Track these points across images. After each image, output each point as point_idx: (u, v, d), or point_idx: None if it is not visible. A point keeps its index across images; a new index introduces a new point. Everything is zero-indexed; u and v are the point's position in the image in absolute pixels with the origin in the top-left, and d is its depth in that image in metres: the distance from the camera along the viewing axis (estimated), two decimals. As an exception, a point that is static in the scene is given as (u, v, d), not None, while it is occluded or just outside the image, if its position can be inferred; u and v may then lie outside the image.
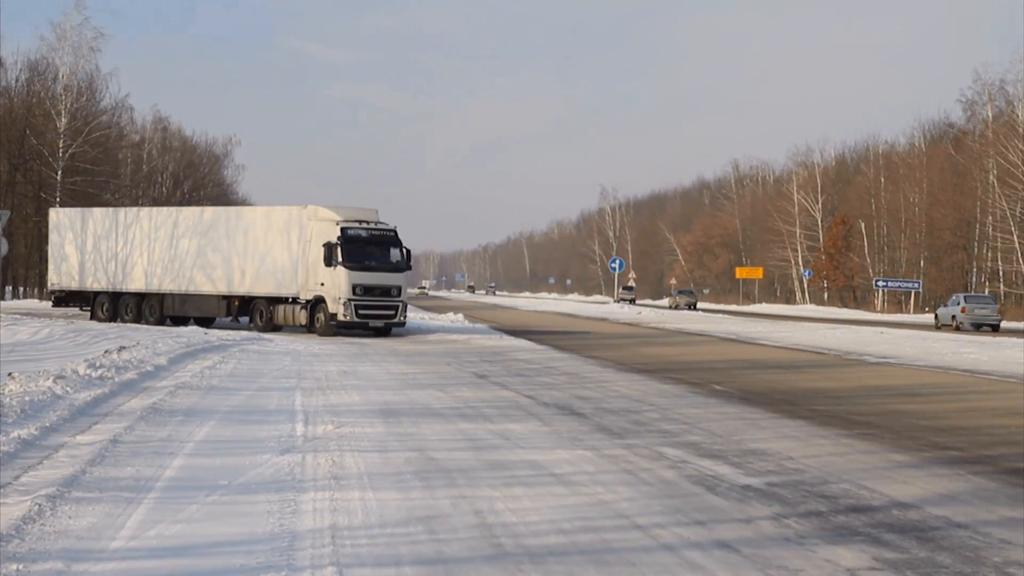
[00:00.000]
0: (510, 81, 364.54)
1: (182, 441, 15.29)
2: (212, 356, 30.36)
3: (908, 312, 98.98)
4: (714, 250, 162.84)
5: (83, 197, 76.38)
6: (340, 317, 42.22)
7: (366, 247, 42.72)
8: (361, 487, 12.21)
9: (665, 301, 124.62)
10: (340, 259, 42.16)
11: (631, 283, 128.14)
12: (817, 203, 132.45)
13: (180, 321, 48.17)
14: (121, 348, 27.73)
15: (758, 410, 19.93)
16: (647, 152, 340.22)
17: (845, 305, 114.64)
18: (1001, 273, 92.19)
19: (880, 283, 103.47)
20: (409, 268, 43.87)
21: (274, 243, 44.70)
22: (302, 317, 43.69)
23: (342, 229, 42.46)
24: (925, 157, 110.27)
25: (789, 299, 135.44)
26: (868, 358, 34.30)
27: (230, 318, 46.52)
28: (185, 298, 47.25)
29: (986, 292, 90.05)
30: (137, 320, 48.06)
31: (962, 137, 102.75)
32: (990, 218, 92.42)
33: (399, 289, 43.21)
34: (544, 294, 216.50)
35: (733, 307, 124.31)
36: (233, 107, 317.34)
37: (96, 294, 50.07)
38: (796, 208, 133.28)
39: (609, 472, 13.28)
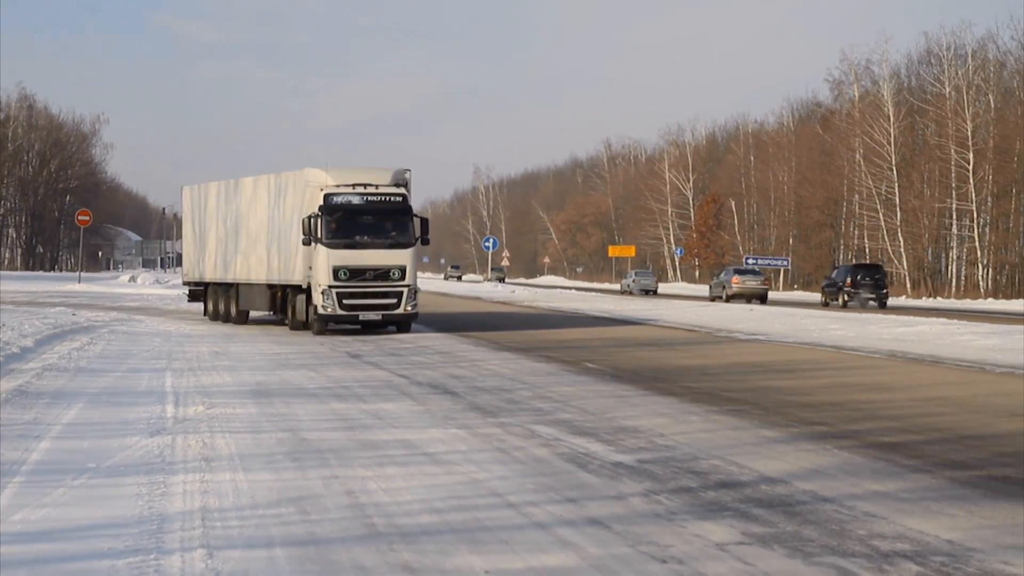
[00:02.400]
0: (386, 60, 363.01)
1: (49, 424, 15.06)
2: (80, 337, 29.94)
3: (777, 289, 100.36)
4: (587, 229, 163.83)
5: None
6: (320, 309, 33.57)
7: (358, 218, 33.93)
8: (232, 468, 12.12)
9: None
10: (320, 234, 33.61)
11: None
12: (688, 182, 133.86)
13: (246, 317, 40.54)
14: (-14, 330, 27.21)
15: (630, 388, 20.08)
16: (520, 131, 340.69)
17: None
18: (867, 250, 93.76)
19: (750, 261, 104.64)
20: (425, 242, 35.13)
21: (277, 218, 37.19)
22: (302, 307, 35.38)
23: (325, 196, 33.82)
24: (793, 136, 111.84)
25: (661, 277, 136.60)
26: (738, 335, 34.71)
27: (273, 312, 38.73)
28: (246, 288, 39.16)
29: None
30: (227, 316, 40.53)
31: (829, 116, 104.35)
32: (857, 196, 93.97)
33: (402, 271, 34.07)
34: (418, 273, 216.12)
35: (606, 285, 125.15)
36: (102, 85, 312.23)
37: (206, 285, 42.78)
38: (668, 187, 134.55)
39: (482, 451, 13.31)
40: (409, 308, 34.09)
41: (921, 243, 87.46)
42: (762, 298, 67.46)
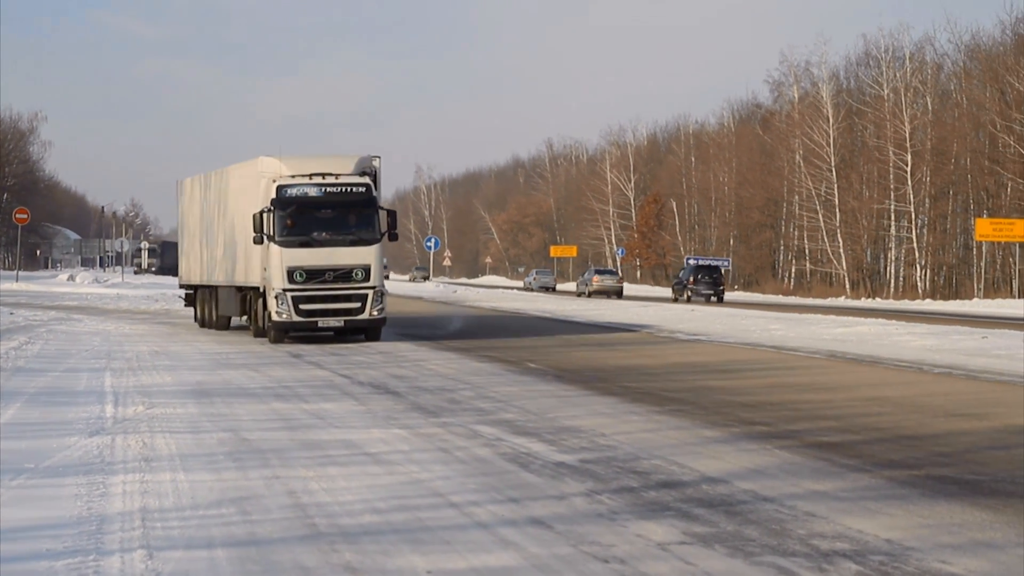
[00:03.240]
0: (326, 58, 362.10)
1: (-14, 424, 14.92)
2: (18, 337, 29.69)
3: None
4: (529, 229, 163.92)
5: None
6: (275, 316, 29.99)
7: (314, 212, 30.31)
8: (172, 468, 12.07)
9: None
10: (272, 231, 30.06)
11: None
12: (630, 182, 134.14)
13: (227, 323, 36.53)
14: (-78, 329, 26.94)
15: (571, 387, 20.11)
16: (462, 131, 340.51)
17: (657, 283, 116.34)
18: (807, 251, 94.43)
19: (691, 260, 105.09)
20: (393, 237, 31.10)
21: (236, 212, 33.68)
22: (261, 312, 31.71)
23: (278, 188, 30.19)
24: (734, 137, 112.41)
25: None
26: (679, 335, 34.83)
27: (244, 318, 34.30)
28: (223, 292, 35.40)
29: (793, 270, 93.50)
30: (211, 322, 36.79)
31: (769, 117, 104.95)
32: (796, 197, 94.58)
33: (366, 271, 30.31)
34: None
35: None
36: (40, 82, 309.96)
37: (195, 288, 39.08)
38: (609, 187, 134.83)
39: (424, 451, 13.30)
40: (375, 313, 30.29)
41: (860, 244, 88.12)
42: (618, 293, 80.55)
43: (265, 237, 30.06)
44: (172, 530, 9.46)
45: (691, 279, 72.02)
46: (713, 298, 70.39)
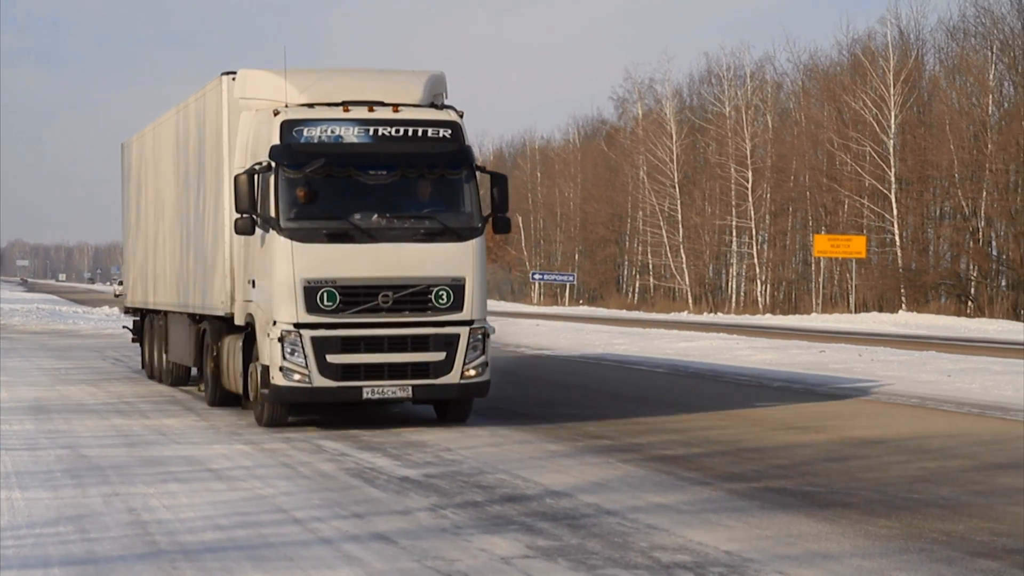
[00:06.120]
0: (171, 69, 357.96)
1: None
2: None
3: (563, 304, 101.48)
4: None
5: None
6: (277, 376, 15.73)
7: (356, 175, 16.35)
8: (8, 487, 11.84)
9: None
10: (274, 210, 16.05)
11: None
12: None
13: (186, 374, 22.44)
14: None
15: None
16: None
17: (503, 298, 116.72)
18: (651, 266, 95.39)
19: (536, 276, 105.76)
20: (503, 226, 17.04)
21: (187, 180, 20.58)
22: (237, 366, 17.44)
23: (283, 126, 16.15)
24: (579, 153, 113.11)
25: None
26: (524, 350, 35.00)
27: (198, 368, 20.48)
28: (173, 323, 22.14)
29: (637, 285, 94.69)
30: (161, 370, 23.36)
31: (614, 134, 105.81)
32: (641, 213, 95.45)
33: (456, 290, 16.47)
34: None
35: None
36: None
37: (143, 314, 25.53)
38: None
39: (268, 466, 13.21)
40: (472, 372, 16.70)
41: (703, 259, 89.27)
42: None
43: (259, 221, 16.27)
44: (7, 549, 9.27)
45: None
46: None
